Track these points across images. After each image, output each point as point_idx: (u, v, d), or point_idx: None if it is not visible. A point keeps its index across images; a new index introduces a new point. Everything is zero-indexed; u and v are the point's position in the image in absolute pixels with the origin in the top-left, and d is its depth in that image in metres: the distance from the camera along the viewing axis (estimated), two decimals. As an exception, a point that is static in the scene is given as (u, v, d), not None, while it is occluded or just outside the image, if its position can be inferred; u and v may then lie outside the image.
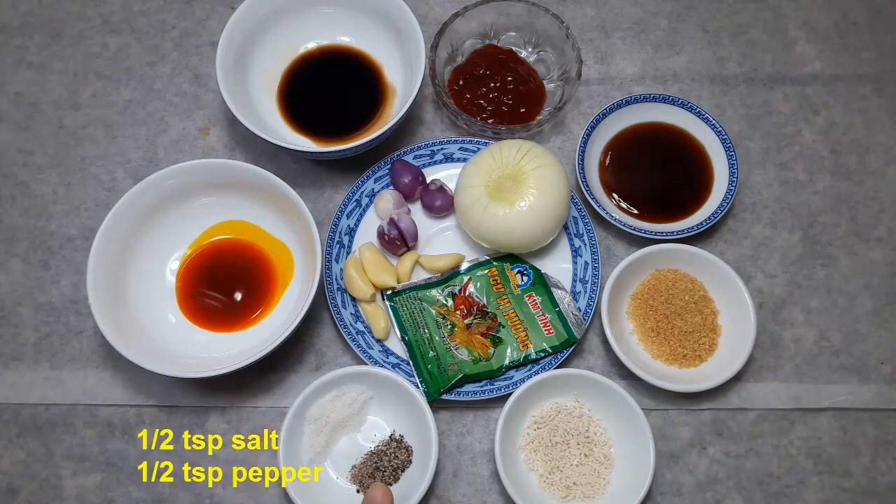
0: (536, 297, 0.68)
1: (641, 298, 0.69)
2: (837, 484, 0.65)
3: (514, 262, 0.69)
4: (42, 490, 0.65)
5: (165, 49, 0.80)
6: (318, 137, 0.73)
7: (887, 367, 0.69)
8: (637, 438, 0.62)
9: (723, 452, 0.66)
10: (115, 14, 0.81)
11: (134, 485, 0.65)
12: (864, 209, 0.74)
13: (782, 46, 0.80)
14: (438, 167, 0.73)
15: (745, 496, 0.65)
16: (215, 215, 0.70)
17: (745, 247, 0.72)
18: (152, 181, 0.66)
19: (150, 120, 0.77)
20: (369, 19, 0.75)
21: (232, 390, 0.67)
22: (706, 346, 0.67)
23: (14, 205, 0.74)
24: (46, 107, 0.77)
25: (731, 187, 0.70)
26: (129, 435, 0.66)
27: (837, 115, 0.77)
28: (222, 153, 0.76)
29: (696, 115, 0.73)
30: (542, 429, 0.65)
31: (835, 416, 0.67)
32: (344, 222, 0.70)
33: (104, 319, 0.62)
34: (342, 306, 0.67)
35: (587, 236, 0.70)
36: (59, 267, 0.72)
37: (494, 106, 0.73)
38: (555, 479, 0.63)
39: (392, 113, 0.73)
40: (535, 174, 0.65)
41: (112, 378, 0.68)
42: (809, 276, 0.72)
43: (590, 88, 0.78)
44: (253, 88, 0.74)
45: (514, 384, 0.65)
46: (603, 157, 0.74)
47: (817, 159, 0.76)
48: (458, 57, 0.76)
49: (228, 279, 0.69)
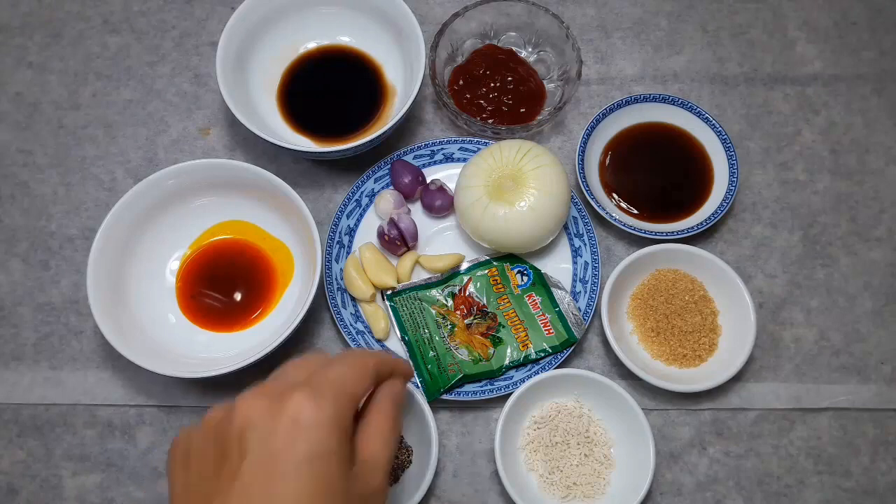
0: (536, 297, 0.68)
1: (641, 298, 0.69)
2: (837, 484, 0.65)
3: (514, 262, 0.70)
4: (42, 490, 0.65)
5: (165, 49, 0.80)
6: (318, 137, 0.73)
7: (887, 367, 0.69)
8: (637, 438, 0.62)
9: (723, 452, 0.66)
10: (115, 14, 0.81)
11: (134, 485, 0.65)
12: (864, 209, 0.74)
13: (782, 46, 0.80)
14: (438, 167, 0.73)
15: (745, 496, 0.65)
16: (215, 215, 0.70)
17: (745, 247, 0.72)
18: (152, 181, 0.66)
19: (150, 120, 0.77)
20: (369, 19, 0.75)
21: (232, 390, 0.67)
22: (706, 346, 0.67)
23: (14, 205, 0.74)
24: (46, 107, 0.77)
25: (731, 187, 0.70)
26: (129, 435, 0.66)
27: (837, 115, 0.77)
28: (222, 153, 0.76)
29: (696, 115, 0.73)
30: (542, 429, 0.65)
31: (835, 416, 0.67)
32: (344, 222, 0.70)
33: (104, 319, 0.62)
34: (342, 306, 0.67)
35: (587, 236, 0.70)
36: (59, 267, 0.72)
37: (494, 106, 0.73)
38: (555, 479, 0.63)
39: (392, 113, 0.73)
40: (535, 174, 0.65)
41: (112, 378, 0.68)
42: (809, 276, 0.72)
43: (590, 88, 0.78)
44: (253, 88, 0.74)
45: (514, 384, 0.65)
46: (603, 157, 0.74)
47: (817, 159, 0.76)
48: (458, 57, 0.76)
49: (228, 279, 0.69)
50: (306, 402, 0.40)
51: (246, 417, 0.40)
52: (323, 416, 0.40)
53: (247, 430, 0.40)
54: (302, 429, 0.39)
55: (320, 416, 0.40)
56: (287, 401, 0.40)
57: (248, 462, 0.39)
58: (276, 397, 0.41)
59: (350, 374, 0.43)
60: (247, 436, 0.40)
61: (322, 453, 0.39)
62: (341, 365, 0.44)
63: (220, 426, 0.42)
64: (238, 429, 0.40)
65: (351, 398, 0.42)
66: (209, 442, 0.42)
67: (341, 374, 0.43)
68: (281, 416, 0.40)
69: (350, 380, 0.43)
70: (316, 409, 0.40)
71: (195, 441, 0.43)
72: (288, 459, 0.38)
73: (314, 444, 0.39)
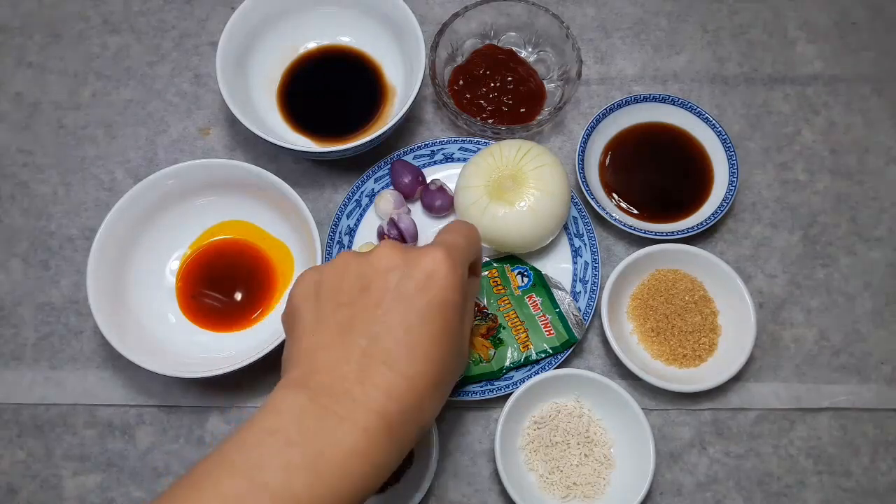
0: (537, 297, 0.68)
1: (641, 298, 0.69)
2: (837, 484, 0.65)
3: (514, 263, 0.69)
4: (42, 490, 0.65)
5: (165, 49, 0.80)
6: (318, 137, 0.73)
7: (887, 367, 0.69)
8: (637, 438, 0.62)
9: (723, 452, 0.66)
10: (115, 14, 0.81)
11: (134, 485, 0.65)
12: (864, 209, 0.74)
13: (782, 46, 0.80)
14: (438, 167, 0.73)
15: (745, 496, 0.65)
16: (215, 215, 0.70)
17: (745, 247, 0.72)
18: (152, 181, 0.66)
19: (150, 120, 0.77)
20: (369, 19, 0.75)
21: (232, 390, 0.67)
22: (706, 346, 0.67)
23: (14, 205, 0.74)
24: (46, 107, 0.77)
25: (731, 187, 0.70)
26: (129, 435, 0.66)
27: (837, 115, 0.77)
28: (222, 153, 0.76)
29: (696, 115, 0.73)
30: (542, 429, 0.65)
31: (835, 416, 0.67)
32: (344, 222, 0.70)
33: (104, 319, 0.62)
34: (342, 306, 0.67)
35: (587, 236, 0.70)
36: (59, 267, 0.72)
37: (494, 106, 0.73)
38: (555, 479, 0.63)
39: (392, 113, 0.73)
40: (535, 174, 0.65)
41: (112, 378, 0.68)
42: (809, 276, 0.72)
43: (590, 88, 0.78)
44: (253, 88, 0.74)
45: (514, 384, 0.65)
46: (603, 157, 0.74)
47: (817, 159, 0.76)
48: (458, 57, 0.76)
49: (228, 279, 0.69)
50: (443, 262, 0.47)
51: (390, 259, 0.48)
52: (454, 277, 0.48)
53: (390, 271, 0.47)
54: (437, 280, 0.47)
55: (453, 276, 0.47)
56: (424, 256, 0.47)
57: (391, 296, 0.46)
58: (413, 253, 0.48)
59: (471, 245, 0.53)
60: (389, 276, 0.47)
61: (451, 304, 0.47)
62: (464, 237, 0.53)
63: (361, 265, 0.48)
64: (383, 268, 0.47)
65: (467, 263, 0.51)
66: (348, 277, 0.48)
67: (465, 245, 0.52)
68: (418, 267, 0.47)
69: (471, 249, 0.53)
70: (451, 269, 0.47)
71: (328, 277, 0.48)
72: (423, 302, 0.46)
73: (448, 295, 0.47)
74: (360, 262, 0.48)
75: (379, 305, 0.46)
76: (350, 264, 0.48)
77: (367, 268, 0.48)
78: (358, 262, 0.48)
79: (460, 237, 0.52)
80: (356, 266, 0.48)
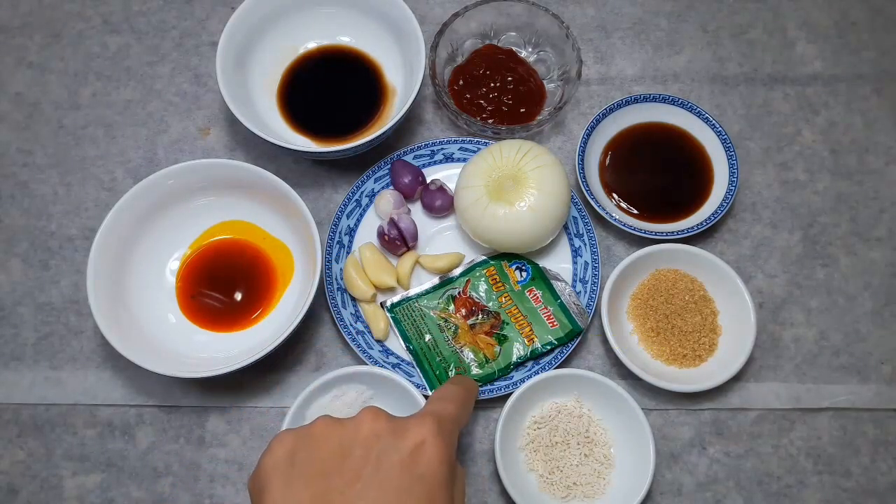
0: (537, 291, 0.68)
1: (641, 298, 0.69)
2: (837, 484, 0.65)
3: (511, 258, 0.69)
4: (42, 490, 0.65)
5: (165, 49, 0.80)
6: (318, 137, 0.73)
7: (887, 367, 0.69)
8: (637, 438, 0.62)
9: (723, 452, 0.66)
10: (115, 14, 0.81)
11: (134, 485, 0.65)
12: (864, 209, 0.74)
13: (782, 46, 0.80)
14: (438, 167, 0.73)
15: (745, 496, 0.65)
16: (215, 215, 0.70)
17: (745, 247, 0.72)
18: (152, 181, 0.66)
19: (150, 120, 0.77)
20: (369, 19, 0.75)
21: (232, 390, 0.67)
22: (706, 346, 0.67)
23: (14, 205, 0.74)
24: (46, 107, 0.77)
25: (731, 187, 0.70)
26: (129, 435, 0.66)
27: (837, 115, 0.77)
28: (222, 153, 0.76)
29: (696, 115, 0.73)
30: (542, 429, 0.65)
31: (835, 416, 0.67)
32: (344, 222, 0.70)
33: (104, 319, 0.62)
34: (342, 306, 0.67)
35: (587, 236, 0.70)
36: (59, 267, 0.72)
37: (494, 106, 0.73)
38: (555, 479, 0.63)
39: (392, 113, 0.73)
40: (535, 174, 0.65)
41: (112, 378, 0.68)
42: (809, 276, 0.72)
43: (590, 88, 0.78)
44: (253, 88, 0.74)
45: (514, 384, 0.65)
46: (603, 157, 0.74)
47: (817, 159, 0.76)
48: (458, 57, 0.76)
49: (228, 279, 0.69)
50: (433, 436, 0.44)
51: (374, 429, 0.44)
52: (444, 452, 0.44)
53: (374, 439, 0.44)
54: (424, 455, 0.44)
55: (444, 450, 0.44)
56: (412, 427, 0.45)
57: (372, 468, 0.43)
58: (400, 422, 0.45)
59: (462, 414, 0.50)
60: (372, 444, 0.44)
61: (438, 482, 0.44)
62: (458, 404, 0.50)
63: (342, 431, 0.45)
64: (366, 436, 0.44)
65: (458, 431, 0.49)
66: (327, 445, 0.44)
67: (457, 414, 0.49)
68: (404, 438, 0.44)
69: (461, 418, 0.50)
70: (441, 443, 0.44)
71: (304, 444, 0.45)
72: (407, 479, 0.43)
73: (436, 471, 0.44)
74: (341, 428, 0.45)
75: (358, 479, 0.42)
76: (330, 430, 0.45)
77: (348, 434, 0.44)
78: (339, 428, 0.45)
79: (452, 405, 0.49)
80: (336, 432, 0.45)
